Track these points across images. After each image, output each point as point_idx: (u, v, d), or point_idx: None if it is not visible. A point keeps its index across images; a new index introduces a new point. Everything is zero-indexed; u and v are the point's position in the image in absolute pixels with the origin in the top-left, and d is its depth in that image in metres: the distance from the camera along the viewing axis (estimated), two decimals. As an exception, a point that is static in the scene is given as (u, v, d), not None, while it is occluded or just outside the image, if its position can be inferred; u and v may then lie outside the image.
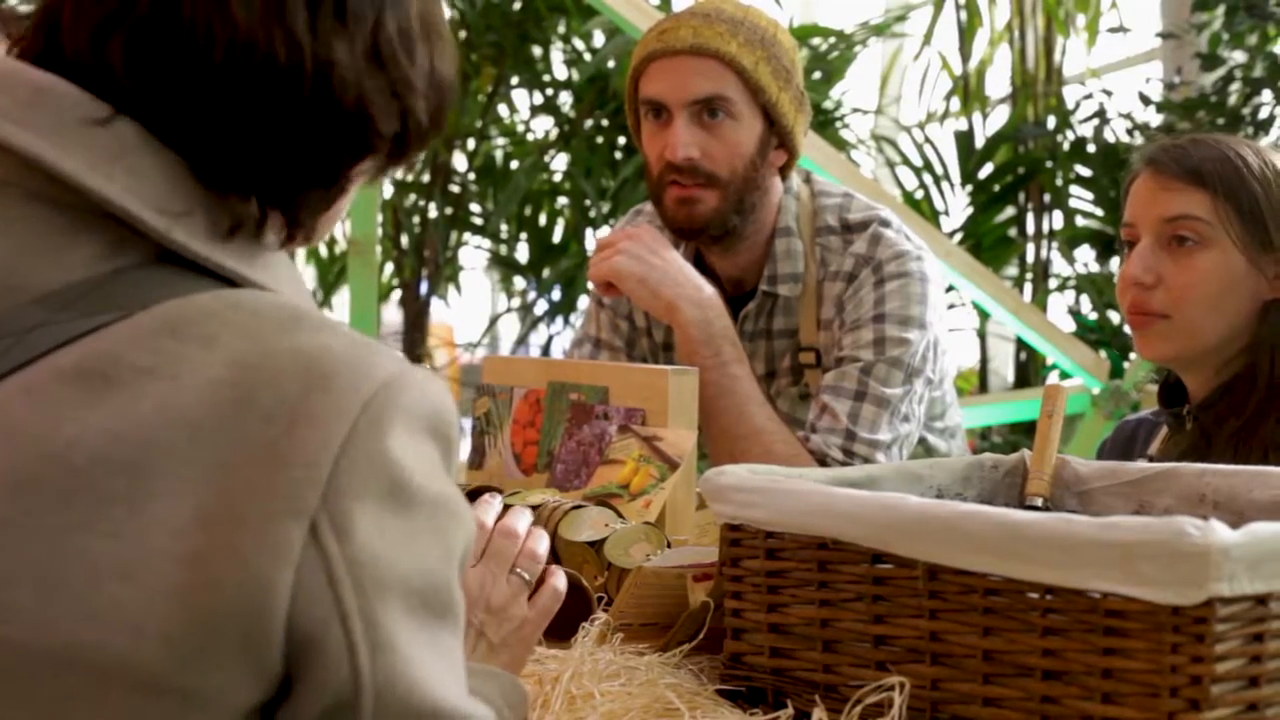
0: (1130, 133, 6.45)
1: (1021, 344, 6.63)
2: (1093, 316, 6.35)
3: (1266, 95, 5.83)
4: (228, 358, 1.07)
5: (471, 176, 7.02)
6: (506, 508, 1.72)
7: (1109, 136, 6.48)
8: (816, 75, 6.52)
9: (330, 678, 1.05)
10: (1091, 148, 6.48)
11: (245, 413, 1.05)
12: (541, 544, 1.64)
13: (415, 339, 6.88)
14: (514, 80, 6.87)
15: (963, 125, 7.09)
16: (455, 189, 6.97)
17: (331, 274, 7.08)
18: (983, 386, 7.01)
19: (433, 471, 1.10)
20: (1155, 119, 6.41)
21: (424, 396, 1.11)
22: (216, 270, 1.15)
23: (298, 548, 1.03)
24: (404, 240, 6.91)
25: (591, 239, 6.61)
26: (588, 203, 6.54)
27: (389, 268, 6.94)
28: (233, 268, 1.15)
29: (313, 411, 1.06)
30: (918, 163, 6.87)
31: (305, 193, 1.20)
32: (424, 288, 6.92)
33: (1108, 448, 2.67)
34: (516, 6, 6.54)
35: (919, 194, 6.83)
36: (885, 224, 2.85)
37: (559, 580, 1.64)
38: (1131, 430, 2.64)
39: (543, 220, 7.01)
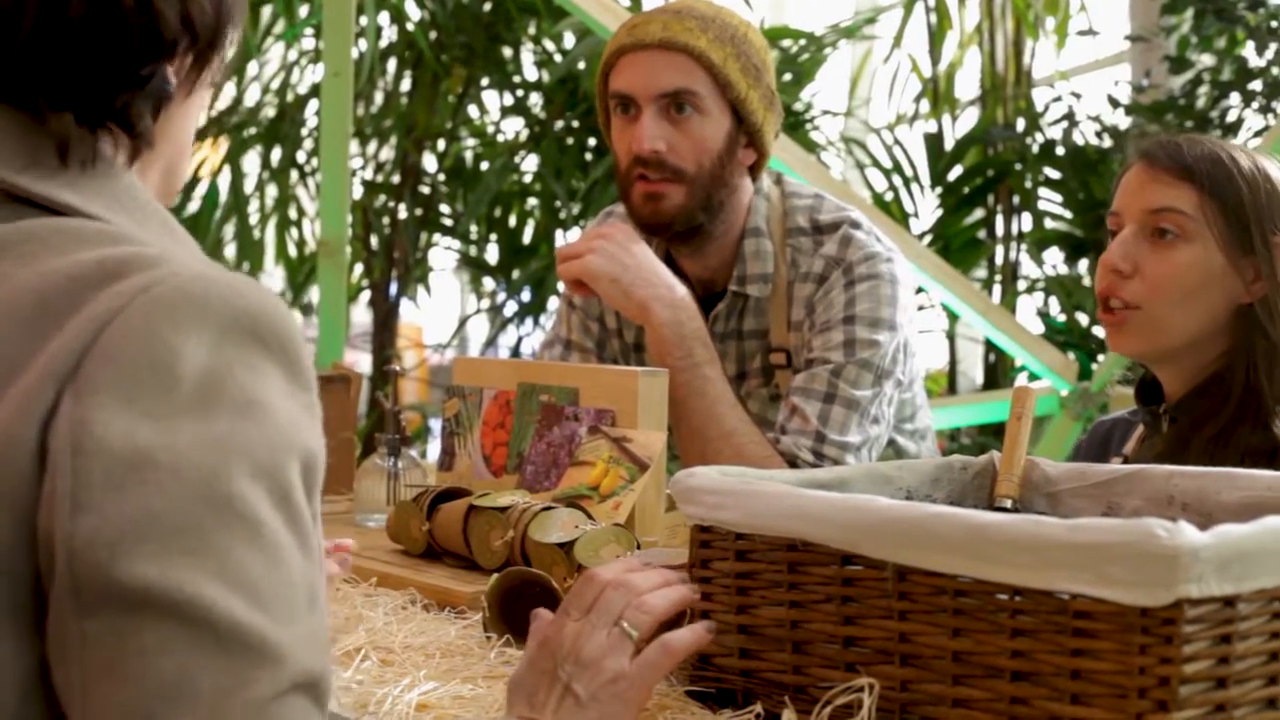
0: (1099, 135, 6.47)
1: (990, 346, 6.65)
2: (1061, 318, 6.37)
3: (1234, 98, 5.87)
4: (39, 271, 1.10)
5: (441, 178, 7.01)
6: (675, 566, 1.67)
7: (1078, 139, 6.50)
8: (787, 77, 6.53)
9: (43, 533, 1.04)
10: (1060, 150, 6.50)
11: (43, 317, 1.08)
12: (663, 598, 1.57)
13: (384, 340, 6.87)
14: (484, 81, 6.86)
15: (932, 127, 7.11)
16: (425, 190, 6.97)
17: (301, 274, 7.06)
18: (951, 388, 7.03)
19: (228, 370, 1.08)
20: (1124, 121, 6.44)
21: (229, 295, 1.11)
22: (63, 209, 1.18)
23: (47, 406, 1.04)
24: (374, 241, 6.91)
25: (561, 241, 6.61)
26: (558, 204, 6.54)
27: (358, 269, 6.93)
28: (69, 201, 1.18)
29: (97, 299, 1.08)
30: (887, 165, 6.88)
31: (122, 97, 1.23)
32: (393, 289, 6.92)
33: (1083, 448, 2.68)
34: (487, 7, 6.54)
35: (888, 196, 6.84)
36: (856, 225, 2.85)
37: (673, 636, 1.56)
38: (1106, 431, 2.65)
39: (512, 221, 7.00)
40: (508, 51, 6.75)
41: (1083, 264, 6.47)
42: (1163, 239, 2.35)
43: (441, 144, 6.98)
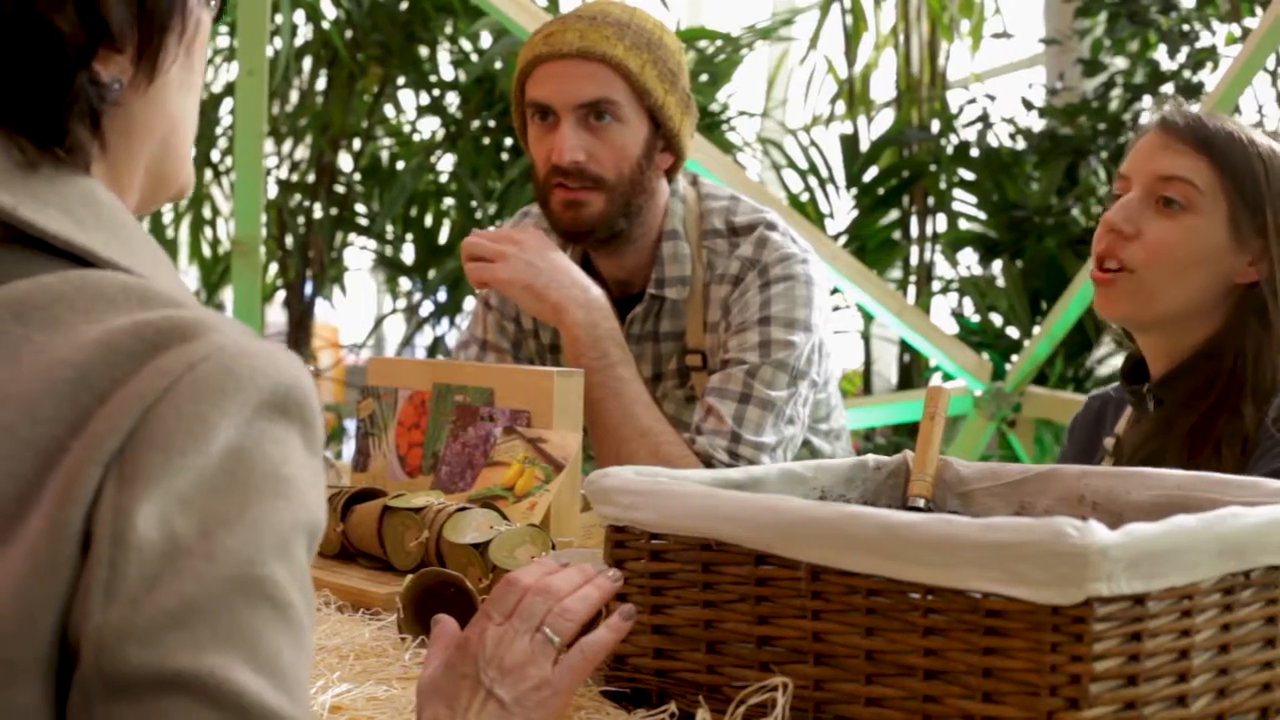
0: (1013, 137, 6.52)
1: (905, 346, 6.69)
2: (975, 319, 6.41)
3: (1147, 100, 5.92)
4: (71, 340, 1.06)
5: (357, 177, 6.99)
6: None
7: (992, 141, 6.55)
8: (703, 78, 6.54)
9: (72, 620, 1.01)
10: (975, 152, 6.55)
11: (82, 393, 1.04)
12: (584, 601, 1.57)
13: (300, 340, 6.84)
14: (400, 80, 6.84)
15: (848, 129, 7.14)
16: (340, 189, 6.94)
17: (215, 274, 7.02)
18: (867, 388, 7.06)
19: (258, 445, 1.06)
20: (1038, 124, 6.49)
21: (268, 369, 1.08)
22: (65, 248, 1.13)
23: (91, 491, 1.01)
24: (289, 241, 6.87)
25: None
26: (474, 204, 6.52)
27: (273, 268, 6.89)
28: (84, 245, 1.14)
29: (140, 375, 1.04)
30: (803, 166, 6.91)
31: (43, 113, 1.17)
32: (309, 288, 6.88)
33: (1079, 424, 2.66)
34: (403, 6, 6.52)
35: (804, 197, 6.87)
36: (771, 227, 2.86)
37: (590, 640, 1.55)
38: (1100, 405, 2.64)
39: (429, 221, 6.98)
40: (424, 51, 6.74)
41: (997, 264, 6.52)
42: (1168, 207, 2.33)
43: (357, 143, 6.95)
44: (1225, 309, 2.35)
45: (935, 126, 6.87)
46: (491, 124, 6.58)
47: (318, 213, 6.82)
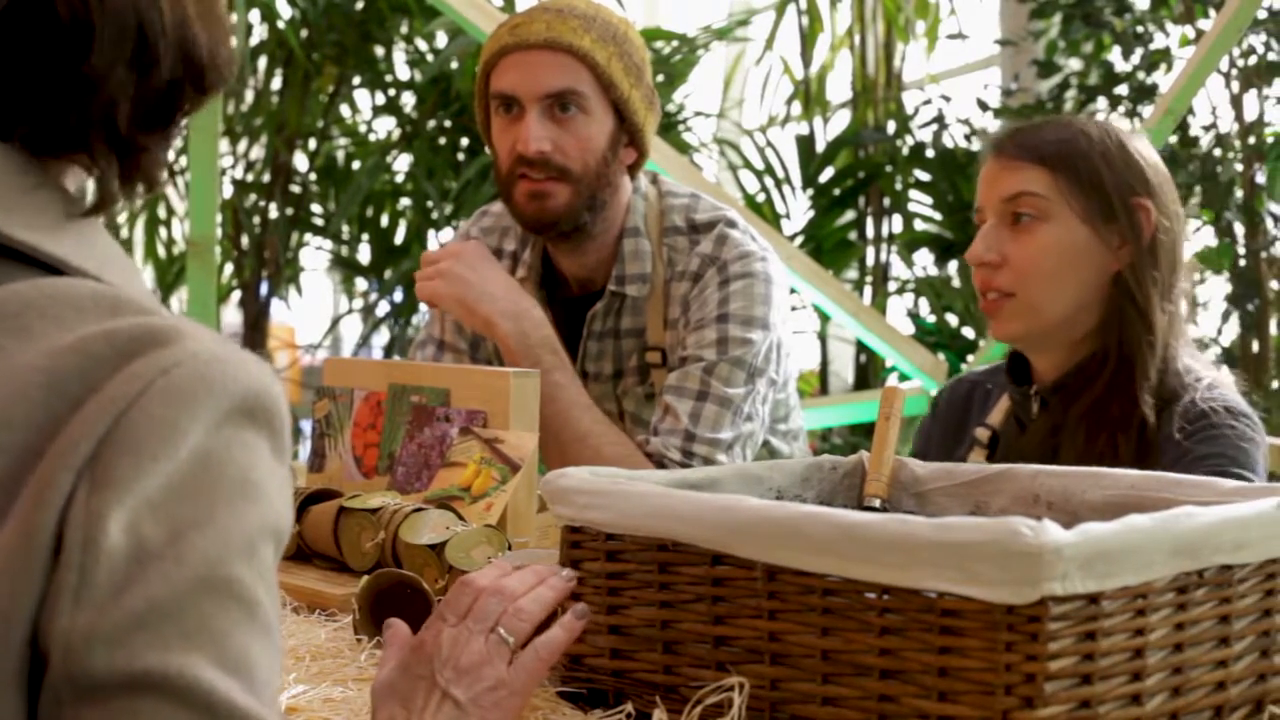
0: (968, 138, 6.54)
1: (861, 346, 6.70)
2: (931, 319, 6.43)
3: (1101, 102, 5.94)
4: (42, 347, 1.06)
5: (313, 177, 6.96)
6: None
7: (947, 141, 6.56)
8: (659, 79, 6.54)
9: (43, 627, 1.01)
10: (930, 152, 6.56)
11: (55, 399, 1.04)
12: (537, 602, 1.58)
13: (255, 341, 6.81)
14: (356, 80, 6.82)
15: (804, 129, 7.15)
16: (296, 189, 6.91)
17: (170, 275, 6.99)
18: (823, 388, 7.07)
19: (226, 450, 1.07)
20: (993, 124, 6.51)
21: (239, 375, 1.08)
22: (38, 257, 1.13)
23: (64, 496, 1.01)
24: (244, 241, 6.84)
25: (434, 240, 6.59)
26: (430, 204, 6.51)
27: (228, 268, 6.87)
28: (54, 254, 1.14)
29: (113, 380, 1.04)
30: (759, 166, 6.91)
31: (146, 134, 1.19)
32: (264, 289, 6.86)
33: (943, 405, 2.69)
34: (359, 6, 6.50)
35: (760, 197, 6.87)
36: (731, 224, 2.86)
37: (545, 640, 1.56)
38: (966, 392, 2.66)
39: (385, 221, 6.97)
40: (380, 50, 6.72)
41: (952, 265, 6.54)
42: (1020, 223, 2.39)
43: (313, 143, 6.93)
44: (1103, 301, 2.40)
45: (891, 127, 6.89)
46: (447, 124, 6.56)
47: (273, 213, 6.80)
